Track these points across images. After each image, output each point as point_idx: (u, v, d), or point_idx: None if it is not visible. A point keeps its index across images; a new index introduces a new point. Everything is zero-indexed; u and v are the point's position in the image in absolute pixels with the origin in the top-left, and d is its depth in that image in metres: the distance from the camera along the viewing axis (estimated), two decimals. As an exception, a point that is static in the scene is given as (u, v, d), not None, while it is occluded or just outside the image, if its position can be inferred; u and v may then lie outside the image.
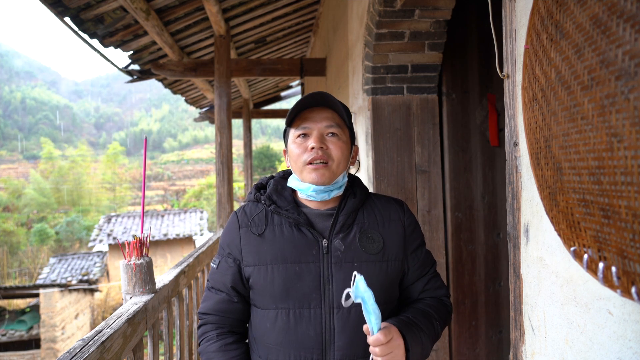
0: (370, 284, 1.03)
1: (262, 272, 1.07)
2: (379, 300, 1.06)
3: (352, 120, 3.04)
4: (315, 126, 1.07)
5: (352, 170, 1.21)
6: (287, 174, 1.20)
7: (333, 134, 1.08)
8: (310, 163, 1.06)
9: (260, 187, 1.19)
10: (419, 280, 1.16)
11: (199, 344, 1.15)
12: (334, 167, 1.07)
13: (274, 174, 1.21)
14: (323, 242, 1.07)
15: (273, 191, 1.14)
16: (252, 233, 1.10)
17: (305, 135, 1.09)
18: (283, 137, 1.17)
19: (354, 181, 1.19)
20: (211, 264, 1.19)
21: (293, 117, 1.09)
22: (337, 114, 1.09)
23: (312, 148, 1.05)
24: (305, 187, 1.08)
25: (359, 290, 0.89)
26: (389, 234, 1.11)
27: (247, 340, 1.18)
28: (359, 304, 0.98)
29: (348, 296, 0.98)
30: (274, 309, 1.07)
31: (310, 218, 1.10)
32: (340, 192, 1.12)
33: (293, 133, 1.10)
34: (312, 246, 1.07)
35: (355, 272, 0.91)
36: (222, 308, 1.13)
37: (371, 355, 0.95)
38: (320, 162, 1.06)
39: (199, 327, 1.17)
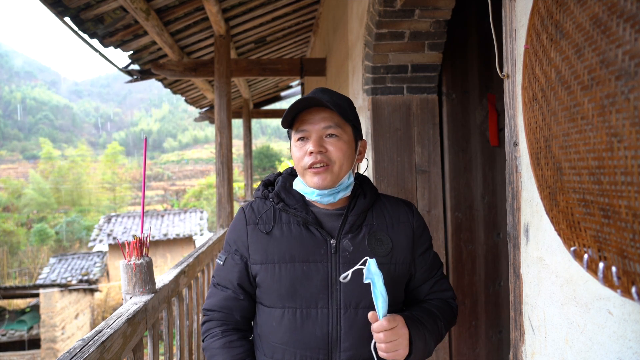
0: None
1: (270, 270, 1.06)
2: None
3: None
4: (312, 128, 1.04)
5: (362, 169, 1.19)
6: (294, 170, 1.17)
7: (332, 134, 1.05)
8: (310, 167, 1.04)
9: (268, 184, 1.18)
10: (426, 283, 1.16)
11: (203, 340, 1.14)
12: (335, 169, 1.04)
13: (281, 171, 1.19)
14: (331, 241, 1.06)
15: (281, 189, 1.12)
16: (260, 231, 1.09)
17: (304, 139, 1.06)
18: (288, 136, 1.14)
19: (363, 181, 1.16)
20: (217, 260, 1.18)
21: (291, 119, 1.07)
22: (337, 113, 1.04)
23: (311, 152, 1.03)
24: (310, 192, 1.06)
25: (370, 271, 0.90)
26: (398, 236, 1.10)
27: (251, 338, 1.17)
28: (368, 302, 0.98)
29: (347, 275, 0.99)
30: (281, 308, 1.05)
31: (318, 217, 1.09)
32: (347, 192, 1.09)
33: (294, 135, 1.08)
34: (320, 245, 1.05)
35: (367, 257, 0.92)
36: (228, 305, 1.12)
37: (373, 341, 0.95)
38: (321, 166, 1.03)
39: (203, 323, 1.16)
